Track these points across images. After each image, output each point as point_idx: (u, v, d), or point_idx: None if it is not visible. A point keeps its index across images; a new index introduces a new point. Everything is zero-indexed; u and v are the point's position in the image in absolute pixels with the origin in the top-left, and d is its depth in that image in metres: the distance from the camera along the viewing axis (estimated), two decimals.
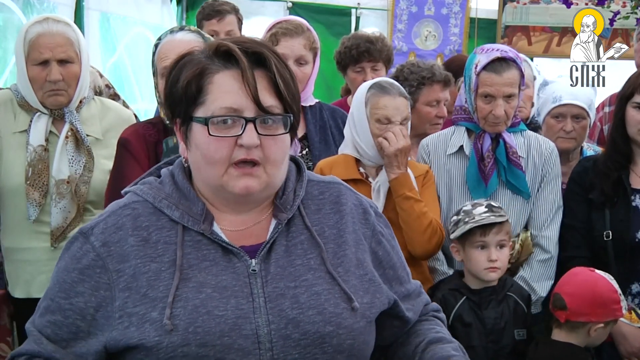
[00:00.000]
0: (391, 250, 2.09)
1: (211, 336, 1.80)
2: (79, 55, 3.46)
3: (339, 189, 2.06)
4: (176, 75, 1.93)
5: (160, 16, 7.52)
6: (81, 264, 1.90)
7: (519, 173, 3.54)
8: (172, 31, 3.17)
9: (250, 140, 1.84)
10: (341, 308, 1.89)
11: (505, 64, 3.48)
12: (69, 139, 3.45)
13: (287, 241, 1.95)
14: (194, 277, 1.86)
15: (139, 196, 1.96)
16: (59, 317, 1.90)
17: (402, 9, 8.56)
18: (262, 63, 1.87)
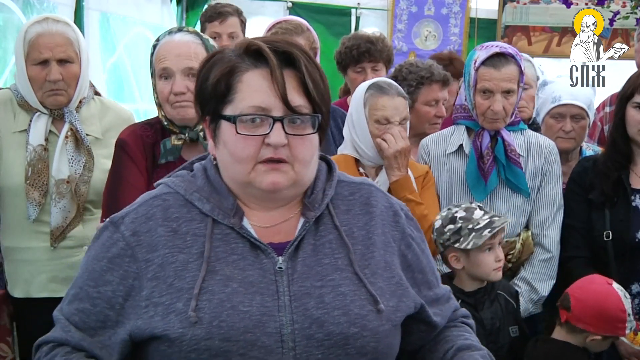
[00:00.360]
0: (421, 253, 2.07)
1: (235, 331, 1.79)
2: (78, 55, 3.45)
3: (369, 190, 2.05)
4: (206, 73, 1.93)
5: (160, 16, 7.52)
6: (110, 253, 1.91)
7: (518, 171, 3.54)
8: (170, 32, 3.15)
9: (277, 140, 1.84)
10: (366, 310, 1.87)
11: (504, 60, 3.49)
12: (69, 138, 3.45)
13: (315, 240, 1.94)
14: (221, 270, 1.86)
15: (170, 188, 1.98)
16: (87, 305, 1.91)
17: (402, 9, 8.57)
18: (292, 62, 1.87)
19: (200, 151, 3.11)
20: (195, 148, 3.12)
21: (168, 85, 3.04)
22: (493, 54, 3.49)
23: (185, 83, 3.02)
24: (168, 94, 3.04)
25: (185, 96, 3.02)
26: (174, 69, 3.03)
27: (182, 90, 3.02)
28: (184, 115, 3.06)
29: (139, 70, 6.72)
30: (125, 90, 6.57)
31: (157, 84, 3.10)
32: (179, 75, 3.03)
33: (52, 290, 3.48)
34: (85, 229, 3.47)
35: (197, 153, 3.10)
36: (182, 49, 3.05)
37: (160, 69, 3.06)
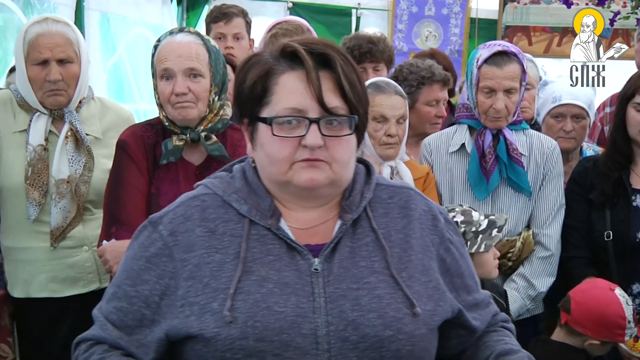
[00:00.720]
0: (460, 258, 2.05)
1: (269, 332, 1.80)
2: (78, 55, 3.45)
3: (408, 194, 2.05)
4: (243, 76, 1.94)
5: (160, 16, 7.52)
6: (148, 252, 1.94)
7: (520, 170, 3.54)
8: (171, 32, 3.15)
9: (313, 141, 1.85)
10: (402, 313, 1.87)
11: (507, 58, 3.49)
12: (69, 138, 3.45)
13: (352, 242, 1.94)
14: (257, 270, 1.86)
15: (209, 189, 1.99)
16: (125, 304, 1.93)
17: (403, 9, 8.57)
18: (328, 64, 1.87)
19: (201, 152, 3.12)
20: (196, 149, 3.12)
21: (169, 85, 3.04)
22: (495, 53, 3.49)
23: (187, 83, 3.03)
24: (169, 95, 3.04)
25: (186, 97, 3.03)
26: (176, 70, 3.03)
27: (183, 91, 3.02)
28: (185, 115, 3.06)
29: (139, 71, 6.72)
30: (126, 90, 6.58)
31: (158, 84, 3.10)
32: (181, 75, 3.03)
33: (52, 290, 3.48)
34: (85, 228, 3.47)
35: (198, 154, 3.11)
36: (183, 49, 3.05)
37: (162, 69, 3.06)
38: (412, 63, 4.27)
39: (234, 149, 3.15)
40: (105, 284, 3.40)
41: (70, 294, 3.49)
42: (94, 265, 3.48)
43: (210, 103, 3.10)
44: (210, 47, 3.11)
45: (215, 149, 3.08)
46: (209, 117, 3.11)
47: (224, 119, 3.15)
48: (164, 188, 3.09)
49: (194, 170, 3.12)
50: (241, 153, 3.13)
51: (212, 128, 3.11)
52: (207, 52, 3.09)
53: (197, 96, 3.05)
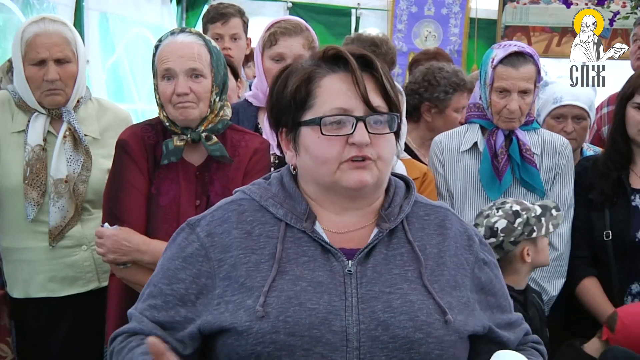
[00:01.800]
0: (494, 278, 2.09)
1: (300, 327, 1.84)
2: (75, 55, 3.45)
3: (445, 214, 2.09)
4: (282, 84, 1.99)
5: (160, 16, 7.52)
6: (185, 253, 1.99)
7: (533, 170, 3.54)
8: (173, 33, 3.16)
9: (361, 138, 1.90)
10: (433, 318, 1.90)
11: (523, 59, 3.50)
12: (67, 138, 3.44)
13: (387, 250, 1.98)
14: (291, 270, 1.92)
15: (246, 195, 2.05)
16: (159, 301, 1.98)
17: (402, 9, 8.57)
18: (368, 66, 1.94)
19: (202, 152, 3.11)
20: (197, 149, 3.12)
21: (171, 85, 3.05)
22: (511, 53, 3.49)
23: (188, 84, 3.03)
24: (170, 95, 3.05)
25: (188, 97, 3.03)
26: (177, 70, 3.03)
27: (185, 91, 3.02)
28: (186, 116, 3.06)
29: (138, 71, 6.72)
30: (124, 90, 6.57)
31: (159, 84, 3.10)
32: (182, 76, 3.03)
33: (51, 290, 3.48)
34: (83, 228, 3.47)
35: (198, 154, 3.11)
36: (185, 50, 3.06)
37: (163, 69, 3.06)
38: (441, 67, 4.28)
39: (234, 149, 3.15)
40: (104, 283, 3.40)
41: (69, 293, 3.48)
42: (92, 265, 3.47)
43: (211, 103, 3.10)
44: (211, 48, 3.12)
45: (216, 149, 3.08)
46: (210, 118, 3.11)
47: (224, 119, 3.15)
48: (164, 188, 3.09)
49: (194, 170, 3.12)
50: (241, 153, 3.13)
51: (213, 128, 3.11)
52: (208, 53, 3.10)
53: (198, 96, 3.05)
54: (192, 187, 3.10)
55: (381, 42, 4.52)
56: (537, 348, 2.15)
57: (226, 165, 3.10)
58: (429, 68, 4.30)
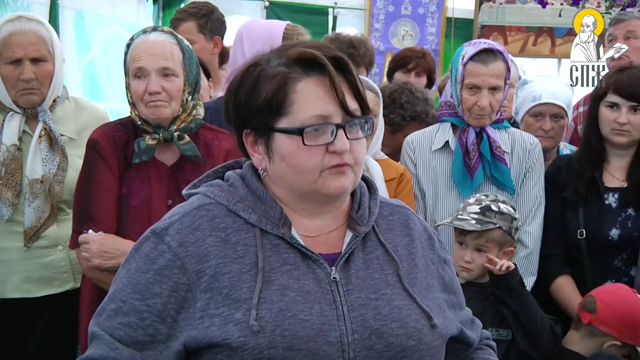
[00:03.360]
0: (453, 276, 2.11)
1: (298, 340, 1.79)
2: (52, 54, 3.43)
3: (406, 214, 2.08)
4: (251, 87, 1.91)
5: (136, 15, 7.48)
6: (157, 265, 1.87)
7: (503, 168, 3.56)
8: (145, 31, 3.14)
9: (343, 146, 1.85)
10: (421, 324, 1.90)
11: (492, 56, 3.52)
12: (43, 138, 3.43)
13: (364, 254, 1.95)
14: (276, 280, 1.85)
15: (211, 198, 1.95)
16: (134, 318, 1.86)
17: (379, 8, 8.58)
18: (341, 68, 1.88)
19: (174, 152, 3.10)
20: (169, 148, 3.11)
21: (143, 84, 3.04)
22: (481, 50, 3.52)
23: (161, 82, 3.02)
24: (142, 93, 3.04)
25: (160, 96, 3.02)
26: (149, 69, 3.02)
27: (157, 90, 3.02)
28: (158, 114, 3.05)
29: (113, 69, 6.68)
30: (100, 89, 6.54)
31: (131, 83, 3.09)
32: (154, 74, 3.03)
33: (26, 291, 3.45)
34: (59, 228, 3.45)
35: (171, 153, 3.10)
36: (157, 48, 3.05)
37: (135, 68, 3.05)
38: (414, 92, 4.17)
39: (208, 148, 3.15)
40: (79, 284, 3.38)
41: (44, 294, 3.46)
42: (68, 265, 3.46)
43: (183, 102, 3.10)
44: (184, 47, 3.11)
45: (188, 148, 3.07)
46: (182, 117, 3.10)
47: (197, 118, 3.15)
48: (135, 188, 3.08)
49: (166, 170, 3.11)
50: (215, 152, 3.12)
51: (185, 128, 3.11)
52: (181, 52, 3.09)
53: (170, 95, 3.05)
54: (164, 186, 3.09)
55: (359, 44, 4.51)
56: (489, 344, 2.18)
57: (201, 166, 3.07)
58: (402, 87, 4.22)
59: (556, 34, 8.56)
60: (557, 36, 8.57)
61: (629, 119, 3.48)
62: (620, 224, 3.50)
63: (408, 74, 5.08)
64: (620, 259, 3.50)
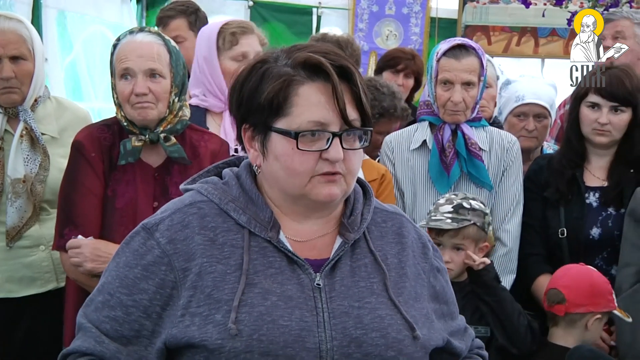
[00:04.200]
0: (446, 285, 2.10)
1: (275, 345, 1.79)
2: (32, 53, 3.42)
3: (401, 221, 2.07)
4: (255, 84, 1.91)
5: (119, 14, 7.46)
6: (145, 260, 1.89)
7: (479, 164, 3.57)
8: (131, 32, 3.13)
9: (336, 155, 1.85)
10: (403, 335, 1.89)
11: (465, 51, 3.54)
12: (24, 137, 3.41)
13: (351, 261, 1.95)
14: (260, 283, 1.86)
15: (204, 196, 1.96)
16: (120, 313, 1.88)
17: (363, 8, 8.58)
18: (347, 77, 1.88)
19: (160, 153, 3.10)
20: (155, 150, 3.11)
21: (129, 85, 3.03)
22: (454, 46, 3.55)
23: (147, 84, 3.02)
24: (129, 94, 3.03)
25: (146, 97, 3.02)
26: (136, 70, 3.02)
27: (143, 91, 3.01)
28: (145, 116, 3.04)
29: (95, 69, 6.66)
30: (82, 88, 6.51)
31: (117, 83, 3.08)
32: (141, 75, 3.02)
33: (8, 291, 3.44)
34: (41, 228, 3.44)
35: (157, 155, 3.09)
36: (144, 49, 3.04)
37: (122, 68, 3.04)
38: (380, 87, 4.12)
39: (194, 149, 3.15)
40: (62, 284, 3.38)
41: (27, 294, 3.45)
42: (50, 265, 3.45)
43: (170, 104, 3.09)
44: (171, 48, 3.11)
45: (174, 150, 3.06)
46: (169, 119, 3.10)
47: (183, 120, 3.14)
48: (120, 190, 3.07)
49: (152, 172, 3.10)
50: (201, 153, 3.12)
51: (172, 129, 3.10)
52: (167, 53, 3.08)
53: (157, 97, 3.04)
54: (149, 188, 3.08)
55: (346, 44, 4.51)
56: (481, 354, 2.17)
57: (187, 168, 3.07)
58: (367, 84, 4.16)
59: (539, 34, 8.58)
60: (540, 36, 8.59)
61: (609, 119, 3.51)
62: (601, 223, 3.53)
63: (396, 75, 5.08)
64: (600, 257, 3.53)
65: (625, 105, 3.51)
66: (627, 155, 3.57)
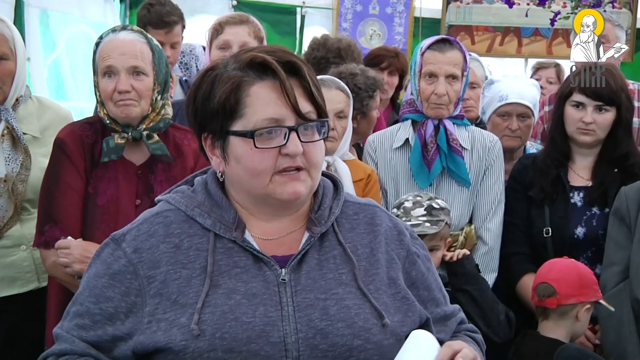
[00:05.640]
0: (426, 271, 2.09)
1: (238, 342, 1.82)
2: (14, 52, 3.40)
3: (373, 211, 2.08)
4: (207, 91, 1.93)
5: (103, 14, 7.42)
6: (112, 270, 1.93)
7: (459, 160, 3.58)
8: (114, 30, 3.13)
9: (295, 149, 1.87)
10: (371, 323, 1.90)
11: (449, 45, 3.58)
12: (5, 137, 3.40)
13: (319, 255, 1.96)
14: (224, 283, 1.88)
15: (171, 205, 1.99)
16: (87, 321, 1.93)
17: (347, 7, 8.58)
18: (295, 72, 1.90)
19: (142, 151, 3.09)
20: (137, 148, 3.10)
21: (112, 83, 3.02)
22: (438, 40, 3.60)
23: (130, 81, 3.02)
24: (112, 92, 3.02)
25: (129, 95, 3.02)
26: (119, 67, 3.02)
27: (126, 89, 3.00)
28: (128, 113, 3.04)
29: (78, 68, 6.63)
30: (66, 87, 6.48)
31: (100, 81, 3.07)
32: (124, 73, 3.02)
33: None
34: (22, 228, 3.42)
35: (140, 153, 3.09)
36: (127, 47, 3.04)
37: (105, 66, 3.03)
38: (353, 73, 4.06)
39: (178, 147, 3.15)
40: (44, 283, 3.37)
41: (8, 294, 3.43)
42: (32, 265, 3.43)
43: (152, 102, 3.09)
44: (153, 46, 3.11)
45: (157, 148, 3.06)
46: (151, 116, 3.09)
47: (166, 118, 3.14)
48: (102, 187, 3.06)
49: (135, 169, 3.09)
50: (185, 152, 3.11)
51: (154, 127, 3.10)
52: (150, 51, 3.08)
53: (140, 94, 3.04)
54: (132, 186, 3.08)
55: (346, 53, 4.49)
56: (472, 336, 2.16)
57: (171, 166, 3.08)
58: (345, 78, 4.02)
59: (523, 34, 8.60)
60: (523, 36, 8.61)
61: (594, 118, 3.51)
62: (586, 223, 3.54)
63: (381, 73, 5.08)
64: (585, 257, 3.54)
65: (609, 105, 3.52)
66: (611, 154, 3.58)
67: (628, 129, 3.60)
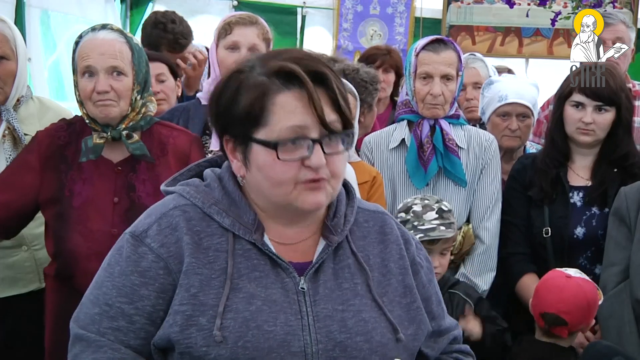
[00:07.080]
0: (427, 283, 2.09)
1: (260, 352, 1.80)
2: (15, 53, 3.41)
3: (383, 219, 2.08)
4: (232, 94, 1.90)
5: (103, 14, 7.42)
6: (140, 267, 1.89)
7: (455, 159, 3.58)
8: (94, 29, 3.10)
9: (319, 162, 1.84)
10: (387, 338, 1.90)
11: (443, 45, 3.59)
12: (6, 137, 3.40)
13: (334, 264, 1.95)
14: (244, 287, 1.86)
15: (186, 199, 1.95)
16: (124, 322, 1.88)
17: (348, 8, 8.58)
18: (322, 81, 1.86)
19: (122, 150, 3.07)
20: (117, 147, 3.09)
21: (91, 83, 3.02)
22: (432, 40, 3.60)
23: (109, 82, 3.01)
24: (91, 92, 3.02)
25: (108, 95, 3.01)
26: (98, 68, 3.01)
27: (105, 89, 3.00)
28: (107, 113, 3.03)
29: None
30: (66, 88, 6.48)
31: (79, 81, 3.07)
32: (103, 73, 3.01)
33: None
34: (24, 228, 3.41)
35: (119, 152, 3.07)
36: (106, 47, 3.03)
37: (84, 66, 3.03)
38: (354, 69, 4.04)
39: (163, 145, 3.14)
40: (44, 284, 3.35)
41: (9, 294, 3.44)
42: (33, 265, 3.43)
43: (132, 102, 3.07)
44: (133, 45, 3.09)
45: (136, 147, 3.05)
46: (131, 116, 3.08)
47: (147, 116, 3.12)
48: (77, 189, 3.04)
49: (113, 166, 3.08)
50: (170, 150, 3.10)
51: (134, 126, 3.09)
52: (129, 50, 3.07)
53: (119, 94, 3.03)
54: (110, 183, 3.05)
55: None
56: (459, 358, 2.15)
57: (155, 164, 3.07)
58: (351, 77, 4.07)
59: (524, 34, 8.60)
60: (524, 36, 8.61)
61: (594, 118, 3.51)
62: (585, 223, 3.53)
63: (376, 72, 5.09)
64: (585, 257, 3.54)
65: (609, 105, 3.51)
66: (610, 154, 3.58)
67: (628, 129, 3.60)
